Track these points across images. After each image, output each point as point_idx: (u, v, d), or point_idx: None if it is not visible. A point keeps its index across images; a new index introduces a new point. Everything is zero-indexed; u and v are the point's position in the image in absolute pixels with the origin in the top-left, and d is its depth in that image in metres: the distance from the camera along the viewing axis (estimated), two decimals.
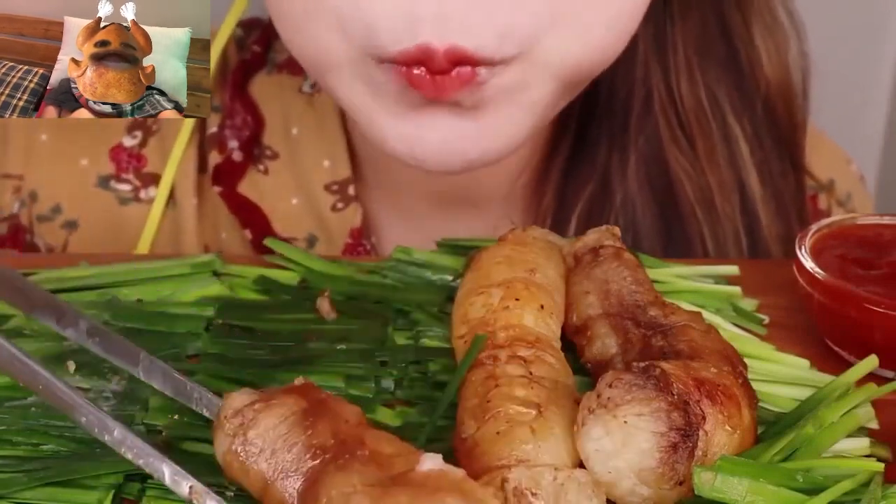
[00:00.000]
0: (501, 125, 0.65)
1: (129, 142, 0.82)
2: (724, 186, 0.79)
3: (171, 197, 0.82)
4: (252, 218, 0.81)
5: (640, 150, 0.78)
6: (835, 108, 0.89)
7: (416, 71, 0.61)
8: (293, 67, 0.83)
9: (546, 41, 0.63)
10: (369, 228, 0.82)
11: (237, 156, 0.82)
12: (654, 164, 0.79)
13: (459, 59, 0.61)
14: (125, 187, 0.82)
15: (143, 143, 0.82)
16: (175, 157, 0.81)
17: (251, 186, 0.82)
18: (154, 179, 0.82)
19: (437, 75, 0.61)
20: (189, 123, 0.81)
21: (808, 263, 0.62)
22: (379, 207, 0.83)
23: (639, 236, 0.79)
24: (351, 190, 0.80)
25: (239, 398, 0.50)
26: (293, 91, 0.82)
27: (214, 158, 0.82)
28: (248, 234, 0.81)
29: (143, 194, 0.82)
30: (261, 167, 0.81)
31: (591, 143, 0.79)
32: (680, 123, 0.78)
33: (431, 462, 0.44)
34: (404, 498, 0.42)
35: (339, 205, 0.80)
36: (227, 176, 0.82)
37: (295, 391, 0.50)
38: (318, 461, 0.46)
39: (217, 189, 0.81)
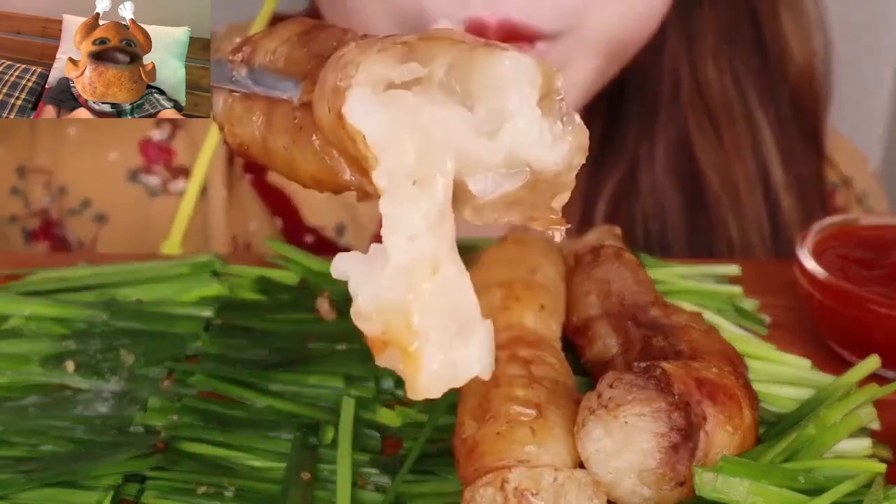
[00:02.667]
0: None
1: (157, 135, 0.83)
2: (748, 173, 0.80)
3: (202, 189, 0.82)
4: (282, 206, 0.82)
5: (668, 136, 0.80)
6: (835, 108, 0.89)
7: None
8: None
9: (591, 16, 0.64)
10: None
11: None
12: (680, 151, 0.80)
13: (512, 33, 0.62)
14: (154, 180, 0.83)
15: (171, 136, 0.83)
16: (206, 150, 0.81)
17: (280, 177, 0.82)
18: (183, 172, 0.83)
19: None
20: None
21: (810, 264, 0.62)
22: None
23: (665, 222, 0.80)
24: None
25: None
26: None
27: None
28: (278, 222, 0.82)
29: (172, 186, 0.83)
30: None
31: (620, 131, 0.81)
32: (706, 111, 0.80)
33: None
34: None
35: None
36: (257, 165, 0.82)
37: (292, 20, 0.48)
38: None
39: (248, 177, 0.82)
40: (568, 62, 0.65)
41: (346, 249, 0.80)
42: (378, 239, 0.80)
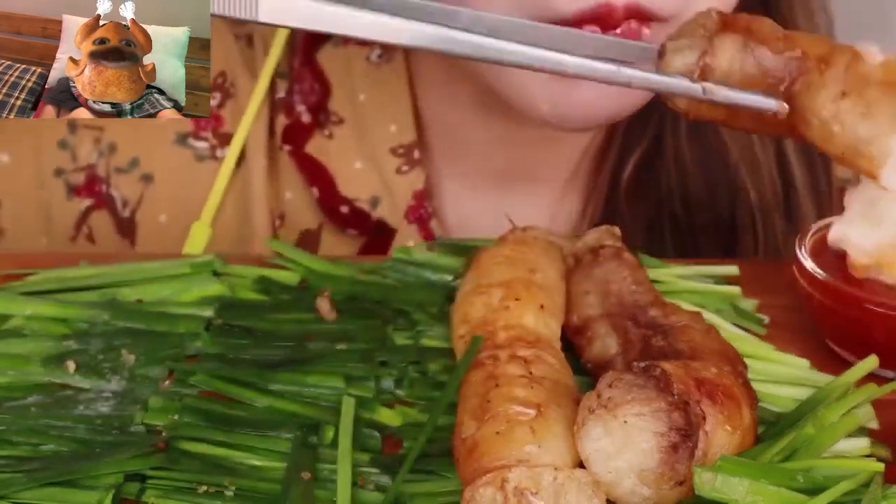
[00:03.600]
0: None
1: (210, 101, 0.83)
2: (763, 139, 0.84)
3: (243, 157, 0.83)
4: (319, 177, 0.84)
5: None
6: None
7: (588, 28, 0.65)
8: (360, 39, 0.85)
9: (700, 4, 0.67)
10: (431, 192, 0.85)
11: (305, 118, 0.84)
12: (702, 122, 0.83)
13: (635, 13, 0.66)
14: (203, 144, 0.83)
15: (220, 105, 0.84)
16: (248, 118, 0.83)
17: (317, 148, 0.84)
18: (230, 140, 0.84)
19: (606, 30, 0.65)
20: (262, 87, 0.83)
21: (808, 263, 0.62)
22: (441, 174, 0.86)
23: (689, 191, 0.84)
24: (416, 154, 0.83)
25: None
26: (361, 60, 0.85)
27: (282, 121, 0.84)
28: (315, 191, 0.83)
29: (219, 153, 0.84)
30: (326, 132, 0.84)
31: (645, 105, 0.83)
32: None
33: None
34: None
35: (404, 168, 0.83)
36: (295, 136, 0.84)
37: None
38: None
39: (287, 148, 0.84)
40: None
41: (380, 221, 0.83)
42: (410, 212, 0.83)
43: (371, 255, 0.82)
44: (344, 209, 0.83)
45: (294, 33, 0.86)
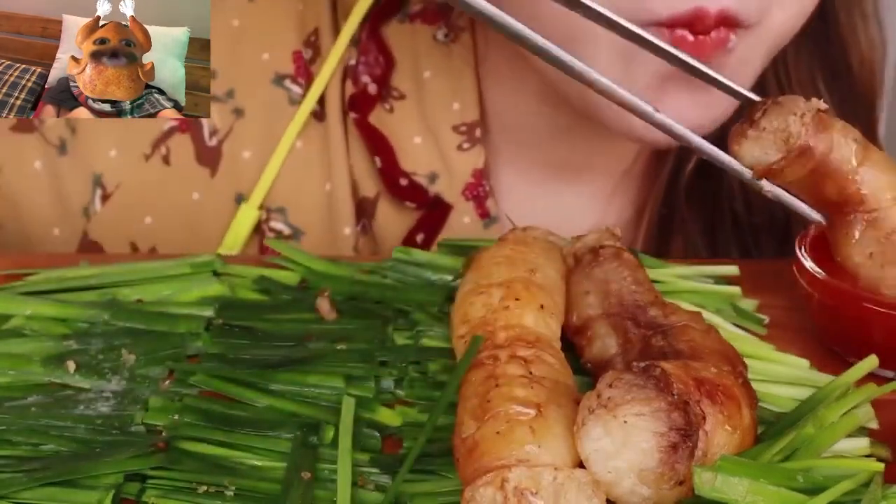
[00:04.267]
0: (725, 96, 0.70)
1: (306, 54, 0.84)
2: None
3: (324, 114, 0.84)
4: (381, 148, 0.84)
5: None
6: None
7: (678, 32, 0.67)
8: (427, 16, 0.86)
9: (774, 12, 0.70)
10: (489, 171, 0.85)
11: (372, 89, 0.85)
12: None
13: (725, 21, 0.67)
14: (297, 89, 0.84)
15: (312, 60, 0.84)
16: (323, 78, 0.83)
17: (378, 120, 0.85)
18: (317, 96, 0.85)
19: (698, 35, 0.67)
20: (338, 52, 0.84)
21: (808, 263, 0.62)
22: (499, 158, 0.86)
23: (748, 191, 0.85)
24: (478, 132, 0.84)
25: None
26: (427, 38, 0.85)
27: (349, 89, 0.85)
28: (378, 161, 0.83)
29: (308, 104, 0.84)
30: (387, 106, 0.84)
31: None
32: (781, 88, 0.86)
33: None
34: None
35: (465, 145, 0.84)
36: (361, 105, 0.84)
37: None
38: None
39: (353, 115, 0.84)
40: (750, 53, 0.71)
41: (437, 197, 0.83)
42: (469, 189, 0.85)
43: (426, 229, 0.83)
44: (403, 181, 0.83)
45: (371, 3, 0.86)
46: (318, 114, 0.83)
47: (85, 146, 0.81)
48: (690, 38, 0.67)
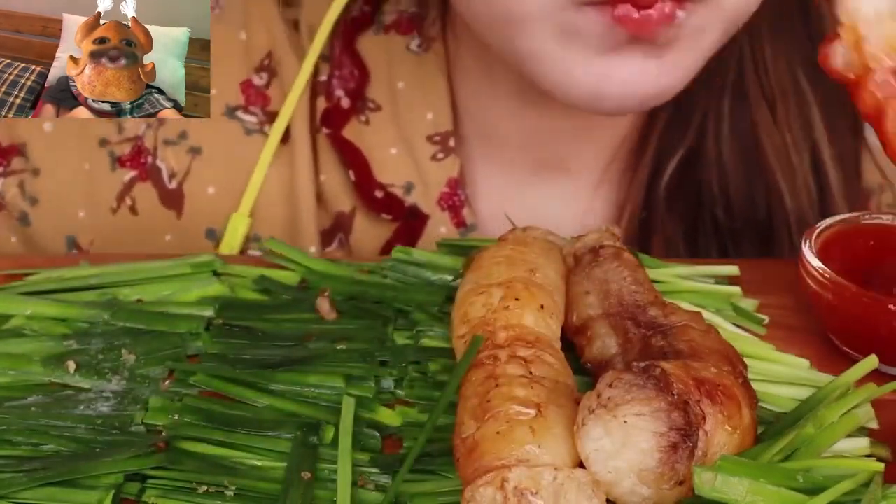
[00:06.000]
0: (678, 68, 0.69)
1: (257, 80, 0.84)
2: (798, 146, 0.85)
3: (288, 138, 0.84)
4: (355, 161, 0.84)
5: (734, 114, 0.85)
6: None
7: (620, 9, 0.65)
8: (401, 27, 0.86)
9: None
10: (465, 180, 0.85)
11: (344, 102, 0.85)
12: (742, 127, 0.85)
13: None
14: (252, 119, 0.84)
15: (267, 84, 0.85)
16: (293, 97, 0.83)
17: (353, 133, 0.85)
18: (276, 118, 0.85)
19: (641, 10, 0.65)
20: (307, 69, 0.84)
21: (815, 262, 0.62)
22: (476, 164, 0.86)
23: (728, 193, 0.85)
24: (451, 142, 0.84)
25: None
26: (401, 48, 0.86)
27: (322, 104, 0.85)
28: (351, 175, 0.84)
29: (267, 129, 0.84)
30: (362, 118, 0.85)
31: (687, 109, 0.84)
32: (763, 90, 0.84)
33: None
34: None
35: (440, 155, 0.84)
36: (334, 119, 0.85)
37: None
38: None
39: (325, 131, 0.84)
40: (703, 26, 0.69)
41: (414, 207, 0.83)
42: (444, 198, 0.84)
43: (403, 240, 0.83)
44: (378, 193, 0.83)
45: (339, 18, 0.87)
46: (283, 137, 0.83)
47: (51, 215, 0.82)
48: (635, 14, 0.65)
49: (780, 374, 0.61)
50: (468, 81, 0.83)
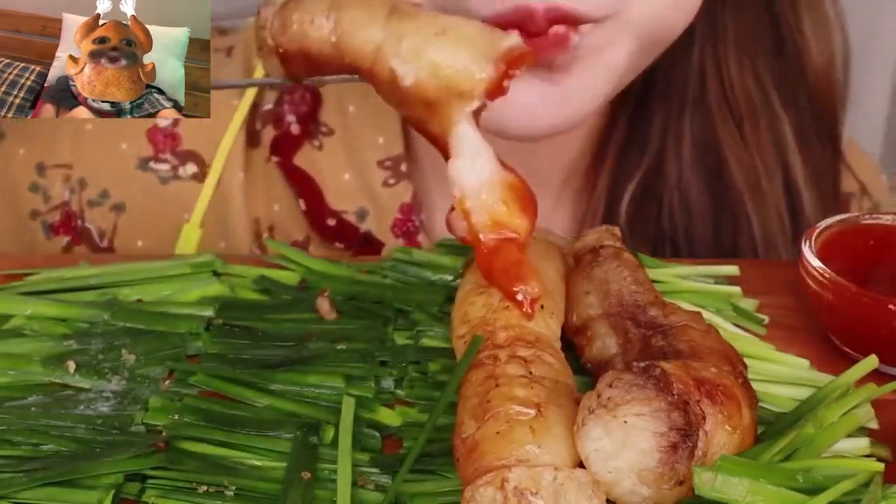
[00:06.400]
0: (584, 90, 0.68)
1: (162, 122, 0.84)
2: (768, 169, 0.82)
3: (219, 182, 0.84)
4: (307, 189, 0.84)
5: (695, 132, 0.82)
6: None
7: (510, 33, 0.62)
8: None
9: (633, 4, 0.66)
10: (419, 205, 0.85)
11: (295, 129, 0.84)
12: (706, 146, 0.82)
13: (558, 18, 0.63)
14: (164, 167, 0.84)
15: (175, 122, 0.85)
16: (231, 133, 0.83)
17: (306, 159, 0.84)
18: (190, 156, 0.84)
19: (532, 36, 0.63)
20: (248, 100, 0.84)
21: (815, 262, 0.62)
22: (429, 187, 0.85)
23: (690, 217, 0.82)
24: (403, 167, 0.83)
25: None
26: None
27: (270, 132, 0.84)
28: (302, 204, 0.83)
29: (181, 171, 0.84)
30: (316, 143, 0.84)
31: (644, 129, 0.83)
32: (730, 108, 0.82)
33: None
34: None
35: (391, 180, 0.83)
36: (284, 147, 0.84)
37: None
38: None
39: (275, 159, 0.84)
40: (608, 44, 0.67)
41: (368, 234, 0.82)
42: (397, 225, 0.84)
43: None
44: (331, 221, 0.83)
45: None
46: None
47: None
48: (525, 40, 0.62)
49: (780, 374, 0.61)
50: None
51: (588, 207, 0.84)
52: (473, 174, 0.56)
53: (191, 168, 0.84)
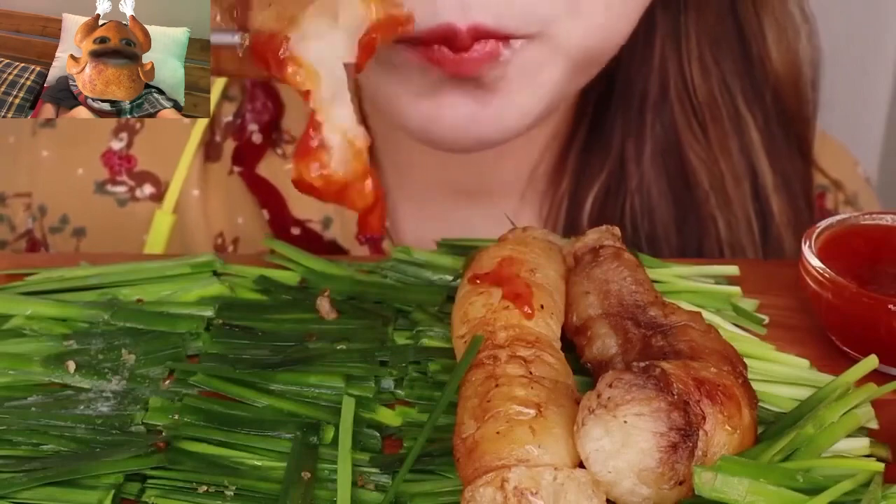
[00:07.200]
0: (516, 106, 0.67)
1: (116, 145, 0.84)
2: (735, 173, 0.81)
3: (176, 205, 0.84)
4: (270, 198, 0.83)
5: (657, 136, 0.81)
6: (834, 109, 0.89)
7: (436, 48, 0.63)
8: None
9: (559, 26, 0.65)
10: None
11: (256, 138, 0.84)
12: (670, 151, 0.81)
13: (481, 35, 0.63)
14: (120, 189, 0.84)
15: (129, 144, 0.85)
16: (185, 157, 0.83)
17: (270, 169, 0.84)
18: (146, 177, 0.85)
19: (459, 52, 0.63)
20: (200, 126, 0.83)
21: (815, 262, 0.62)
22: (393, 194, 0.85)
23: (654, 220, 0.81)
24: None
25: None
26: None
27: (230, 145, 0.84)
28: (266, 214, 0.83)
29: (138, 193, 0.84)
30: (279, 151, 0.84)
31: (606, 131, 0.82)
32: (693, 111, 0.81)
33: None
34: None
35: None
36: (246, 157, 0.84)
37: None
38: None
39: (237, 170, 0.84)
40: (539, 64, 0.67)
41: (332, 242, 0.81)
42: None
43: None
44: (295, 230, 0.83)
45: None
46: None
47: None
48: (451, 55, 0.63)
49: (780, 374, 0.61)
50: (376, 111, 0.81)
51: (551, 209, 0.83)
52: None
53: (148, 189, 0.84)
